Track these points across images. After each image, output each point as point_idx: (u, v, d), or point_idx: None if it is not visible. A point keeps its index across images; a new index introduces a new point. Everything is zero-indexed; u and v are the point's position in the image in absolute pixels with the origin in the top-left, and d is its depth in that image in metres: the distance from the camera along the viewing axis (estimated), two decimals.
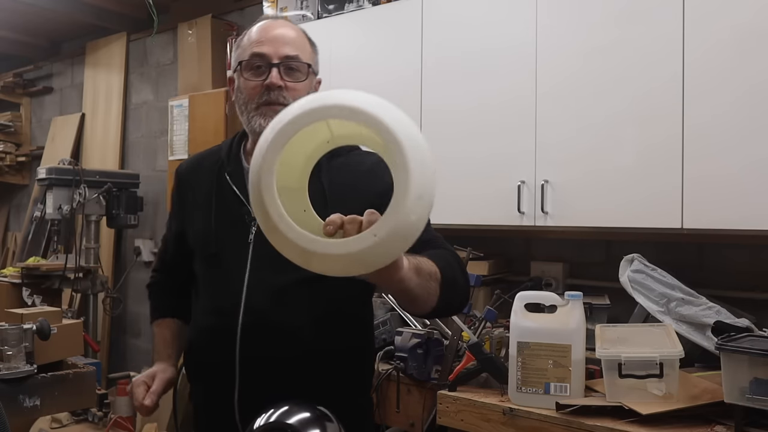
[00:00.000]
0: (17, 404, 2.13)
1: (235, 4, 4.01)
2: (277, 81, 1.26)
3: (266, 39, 1.29)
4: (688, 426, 1.68)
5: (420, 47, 2.63)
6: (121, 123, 4.67)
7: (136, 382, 1.38)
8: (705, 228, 2.01)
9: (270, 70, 1.26)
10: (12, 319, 2.29)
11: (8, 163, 5.34)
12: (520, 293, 1.93)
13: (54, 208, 3.86)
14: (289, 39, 1.30)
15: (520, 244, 2.78)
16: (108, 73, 4.76)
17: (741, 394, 1.59)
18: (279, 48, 1.28)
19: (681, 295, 1.96)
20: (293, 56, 1.28)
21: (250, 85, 1.28)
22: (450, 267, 1.14)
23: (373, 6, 2.82)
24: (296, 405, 1.08)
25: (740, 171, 1.94)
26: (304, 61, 1.30)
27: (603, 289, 2.37)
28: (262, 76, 1.27)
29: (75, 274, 3.81)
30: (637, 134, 2.12)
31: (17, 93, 5.53)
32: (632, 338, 1.85)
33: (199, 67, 4.01)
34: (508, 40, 2.41)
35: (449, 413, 2.00)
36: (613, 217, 2.17)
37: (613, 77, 2.17)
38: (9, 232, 5.55)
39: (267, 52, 1.27)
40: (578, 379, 1.83)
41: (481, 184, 2.44)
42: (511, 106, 2.39)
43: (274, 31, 1.30)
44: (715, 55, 1.99)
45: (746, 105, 1.94)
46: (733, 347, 1.61)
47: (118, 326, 4.61)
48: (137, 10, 4.35)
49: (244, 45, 1.31)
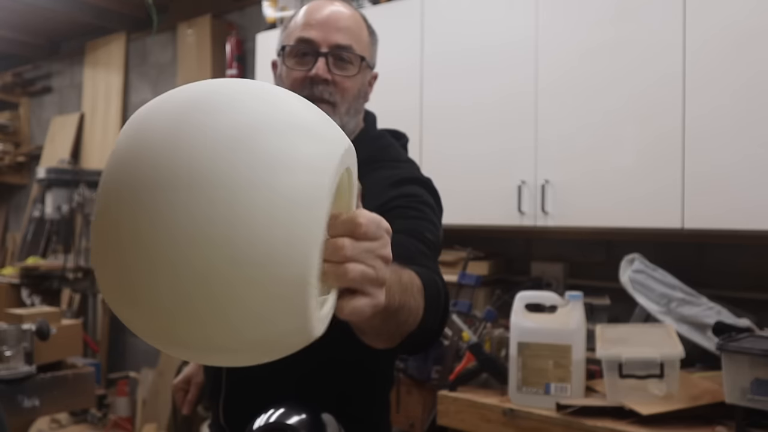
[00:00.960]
0: (16, 405, 2.13)
1: (234, 3, 4.01)
2: (323, 74, 1.08)
3: (316, 22, 1.10)
4: (688, 426, 1.67)
5: (420, 45, 2.63)
6: (120, 123, 4.66)
7: (175, 388, 1.39)
8: (705, 228, 2.01)
9: (316, 59, 1.08)
10: (11, 320, 2.29)
11: (7, 163, 5.33)
12: (520, 293, 1.93)
13: (53, 208, 3.86)
14: (342, 24, 1.10)
15: (520, 244, 2.77)
16: (107, 73, 4.76)
17: (742, 394, 1.59)
18: (329, 35, 1.09)
19: (681, 296, 1.96)
20: (345, 46, 1.09)
21: (293, 75, 1.10)
22: (434, 283, 0.89)
23: (373, 5, 2.82)
24: (296, 405, 1.08)
25: (740, 170, 1.93)
26: (358, 53, 1.11)
27: (603, 289, 2.37)
28: (308, 66, 1.09)
29: (74, 274, 3.81)
30: (638, 132, 2.12)
31: (16, 93, 5.52)
32: (633, 338, 1.85)
33: (198, 67, 4.00)
34: (508, 37, 2.41)
35: (449, 413, 2.00)
36: (614, 217, 2.17)
37: (614, 74, 2.17)
38: (8, 232, 5.54)
39: (315, 38, 1.08)
40: (578, 379, 1.83)
41: (482, 184, 2.44)
42: (511, 104, 2.38)
43: (325, 12, 1.11)
44: (716, 49, 1.98)
45: (745, 101, 1.93)
46: (734, 347, 1.61)
47: (117, 326, 4.59)
48: (137, 9, 4.35)
49: (291, 28, 1.13)
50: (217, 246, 0.50)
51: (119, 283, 0.54)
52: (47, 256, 4.34)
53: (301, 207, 0.52)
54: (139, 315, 0.55)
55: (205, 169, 0.51)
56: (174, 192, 0.51)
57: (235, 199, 0.50)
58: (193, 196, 0.50)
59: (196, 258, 0.50)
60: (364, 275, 0.57)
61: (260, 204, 0.51)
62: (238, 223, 0.50)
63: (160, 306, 0.52)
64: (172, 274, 0.51)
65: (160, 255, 0.51)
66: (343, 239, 0.57)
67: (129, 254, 0.52)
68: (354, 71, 1.10)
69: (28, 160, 5.40)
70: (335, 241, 0.56)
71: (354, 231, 0.57)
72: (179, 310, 0.52)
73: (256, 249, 0.50)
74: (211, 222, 0.50)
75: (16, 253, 4.95)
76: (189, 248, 0.50)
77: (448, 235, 2.81)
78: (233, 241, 0.50)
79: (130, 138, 0.57)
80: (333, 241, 0.56)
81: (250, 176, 0.51)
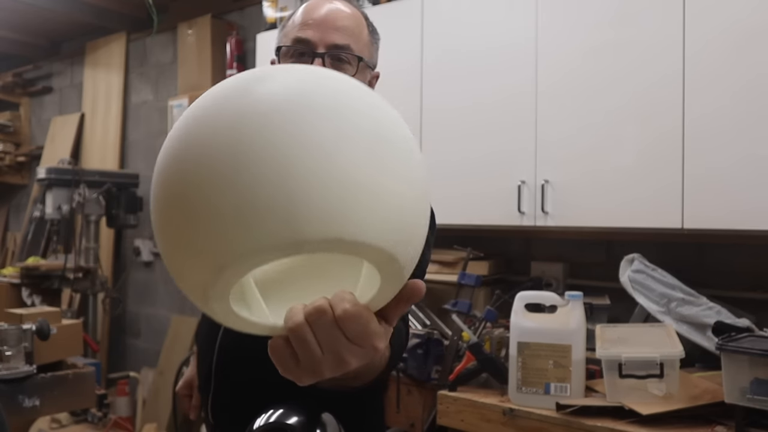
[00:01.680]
0: (17, 404, 2.13)
1: (234, 3, 4.01)
2: None
3: (313, 21, 1.07)
4: (688, 426, 1.68)
5: (420, 46, 2.63)
6: (120, 123, 4.67)
7: (179, 394, 1.41)
8: (705, 228, 2.01)
9: (313, 60, 1.05)
10: (11, 320, 2.29)
11: (8, 163, 5.34)
12: (520, 293, 1.93)
13: (53, 208, 3.85)
14: (340, 23, 1.07)
15: (520, 244, 2.78)
16: (107, 73, 4.76)
17: (741, 394, 1.59)
18: (326, 34, 1.06)
19: (681, 295, 1.96)
20: (343, 46, 1.06)
21: None
22: (399, 334, 0.86)
23: (373, 6, 2.82)
24: (296, 405, 1.08)
25: (740, 170, 1.94)
26: (356, 53, 1.07)
27: (603, 289, 2.37)
28: None
29: (74, 274, 3.81)
30: (638, 132, 2.12)
31: (17, 93, 5.52)
32: (632, 338, 1.85)
33: (198, 67, 4.01)
34: (508, 38, 2.41)
35: (449, 413, 2.00)
36: (614, 217, 2.17)
37: (613, 75, 2.17)
38: (8, 232, 5.54)
39: (311, 39, 1.06)
40: (578, 379, 1.83)
41: (481, 184, 2.44)
42: (512, 105, 2.39)
43: (323, 11, 1.07)
44: (716, 50, 1.98)
45: (745, 101, 1.93)
46: (734, 347, 1.61)
47: (117, 326, 4.60)
48: (137, 9, 4.35)
49: (289, 27, 1.11)
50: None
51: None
52: (47, 256, 4.34)
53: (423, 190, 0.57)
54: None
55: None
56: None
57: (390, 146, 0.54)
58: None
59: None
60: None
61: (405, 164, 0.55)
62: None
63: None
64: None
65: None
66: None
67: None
68: (352, 72, 1.08)
69: (28, 160, 5.40)
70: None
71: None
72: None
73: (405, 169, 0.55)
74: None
75: (17, 253, 4.95)
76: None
77: (448, 235, 2.80)
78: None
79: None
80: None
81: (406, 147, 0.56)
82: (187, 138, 0.53)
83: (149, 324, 4.46)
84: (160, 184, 0.54)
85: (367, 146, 0.52)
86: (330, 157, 0.50)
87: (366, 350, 0.55)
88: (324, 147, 0.50)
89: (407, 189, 0.54)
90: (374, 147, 0.53)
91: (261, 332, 0.60)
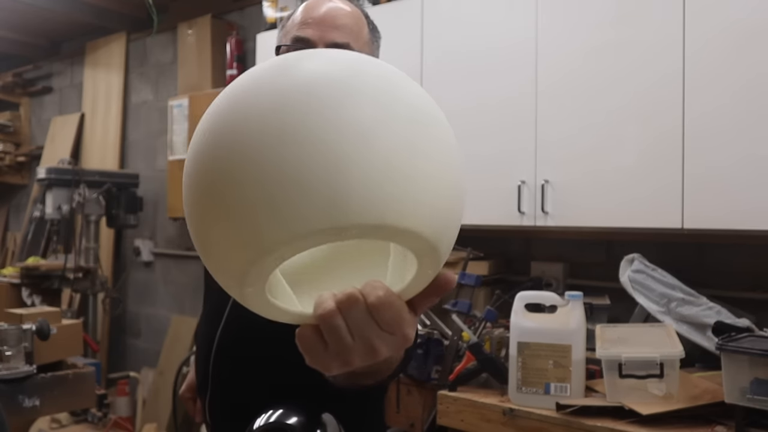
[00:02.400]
0: (17, 404, 2.13)
1: (234, 3, 4.01)
2: None
3: (312, 20, 1.06)
4: (688, 426, 1.68)
5: (420, 46, 2.63)
6: (120, 123, 4.67)
7: (182, 397, 1.41)
8: (705, 228, 2.01)
9: None
10: (11, 320, 2.29)
11: (8, 163, 5.34)
12: (520, 293, 1.93)
13: (53, 208, 3.85)
14: (339, 21, 1.06)
15: (520, 244, 2.78)
16: (107, 73, 4.76)
17: (741, 394, 1.59)
18: (326, 33, 1.05)
19: (681, 295, 1.96)
20: (342, 44, 1.04)
21: None
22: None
23: (373, 6, 2.82)
24: (296, 405, 1.08)
25: (740, 170, 1.94)
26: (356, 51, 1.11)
27: (603, 289, 2.37)
28: None
29: (74, 274, 3.81)
30: (638, 132, 2.12)
31: (17, 93, 5.52)
32: (632, 338, 1.85)
33: (198, 67, 4.01)
34: (508, 38, 2.41)
35: (449, 413, 2.00)
36: (614, 217, 2.17)
37: (613, 75, 2.17)
38: (8, 232, 5.54)
39: (311, 37, 1.05)
40: (578, 379, 1.83)
41: (482, 184, 2.44)
42: (512, 105, 2.39)
43: (322, 9, 1.07)
44: (716, 50, 1.98)
45: (745, 101, 1.93)
46: (734, 347, 1.61)
47: (117, 326, 4.60)
48: (137, 9, 4.35)
49: (288, 26, 1.10)
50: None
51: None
52: (47, 256, 4.34)
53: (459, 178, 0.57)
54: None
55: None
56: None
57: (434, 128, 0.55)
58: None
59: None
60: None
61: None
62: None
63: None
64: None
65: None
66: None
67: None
68: None
69: (28, 160, 5.41)
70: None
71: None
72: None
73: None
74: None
75: (17, 253, 4.95)
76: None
77: None
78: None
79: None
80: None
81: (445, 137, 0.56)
82: (225, 122, 0.52)
83: (149, 324, 4.46)
84: (198, 168, 0.53)
85: (408, 131, 0.52)
86: (372, 141, 0.50)
87: (397, 338, 0.55)
88: (366, 132, 0.50)
89: (447, 175, 0.54)
90: (415, 132, 0.52)
91: (290, 320, 0.59)
